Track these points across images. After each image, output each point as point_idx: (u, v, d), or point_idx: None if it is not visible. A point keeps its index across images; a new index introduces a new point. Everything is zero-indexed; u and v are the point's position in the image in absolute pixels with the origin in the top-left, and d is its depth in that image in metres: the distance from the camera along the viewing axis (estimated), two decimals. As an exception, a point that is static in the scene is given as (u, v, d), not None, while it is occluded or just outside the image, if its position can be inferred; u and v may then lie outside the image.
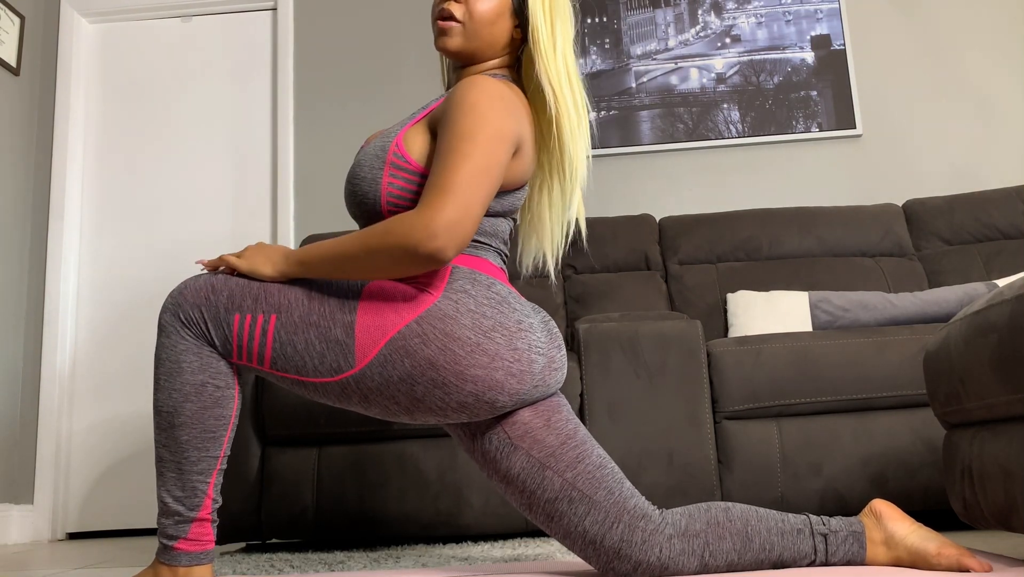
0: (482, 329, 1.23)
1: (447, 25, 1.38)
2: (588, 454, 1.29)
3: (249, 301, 1.25)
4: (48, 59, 3.41)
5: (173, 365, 1.25)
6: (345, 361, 1.23)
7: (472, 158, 1.21)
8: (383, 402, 1.26)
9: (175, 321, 1.26)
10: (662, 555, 1.24)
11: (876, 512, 1.28)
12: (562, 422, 1.31)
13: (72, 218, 3.31)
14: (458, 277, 1.27)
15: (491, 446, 1.31)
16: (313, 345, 1.23)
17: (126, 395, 3.22)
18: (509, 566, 1.51)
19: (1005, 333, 1.10)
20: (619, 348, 2.05)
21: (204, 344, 1.25)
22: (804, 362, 2.02)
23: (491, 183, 1.22)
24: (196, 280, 1.29)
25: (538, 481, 1.28)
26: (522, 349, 1.26)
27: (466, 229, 1.18)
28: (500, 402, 1.26)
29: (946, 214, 2.86)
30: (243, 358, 1.26)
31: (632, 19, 3.35)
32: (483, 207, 1.21)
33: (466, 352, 1.22)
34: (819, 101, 3.21)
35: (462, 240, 1.18)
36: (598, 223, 2.93)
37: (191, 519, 1.25)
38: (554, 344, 1.34)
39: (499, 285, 1.30)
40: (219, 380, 1.26)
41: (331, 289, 1.26)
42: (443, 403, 1.25)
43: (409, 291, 1.25)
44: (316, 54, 3.43)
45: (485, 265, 1.33)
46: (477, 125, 1.23)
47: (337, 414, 2.06)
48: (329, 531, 2.05)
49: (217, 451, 1.26)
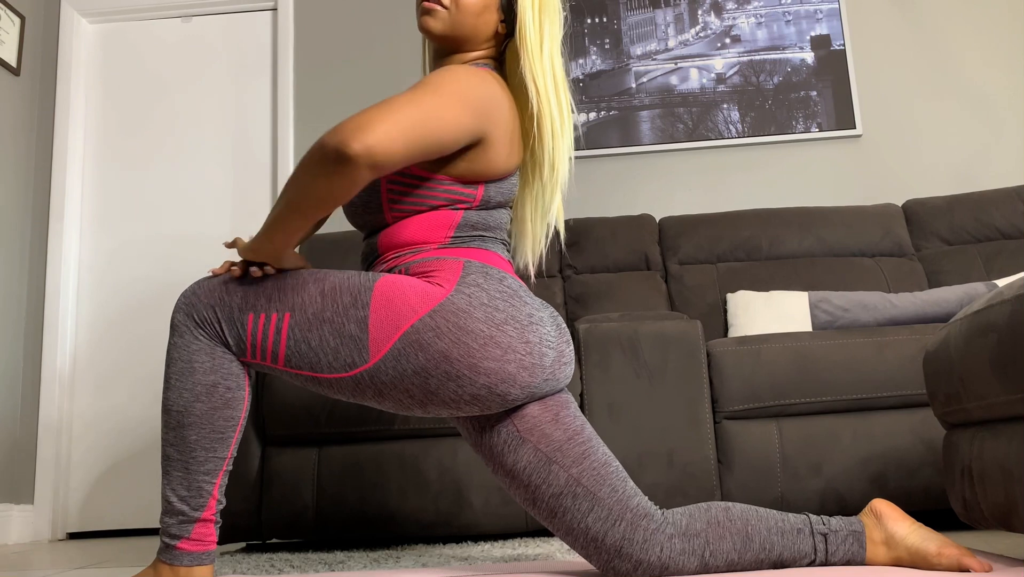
0: (495, 322, 1.24)
1: (431, 6, 1.37)
2: (594, 451, 1.30)
3: (263, 300, 1.26)
4: (48, 59, 3.41)
5: (185, 365, 1.25)
6: (359, 356, 1.23)
7: (421, 103, 1.19)
8: (397, 395, 1.27)
9: (188, 321, 1.26)
10: (663, 554, 1.24)
11: (876, 512, 1.28)
12: (570, 418, 1.32)
13: (72, 218, 3.32)
14: (471, 271, 1.28)
15: (499, 439, 1.32)
16: (327, 341, 1.24)
17: (126, 395, 3.22)
18: (509, 566, 1.51)
19: (1005, 333, 1.10)
20: (619, 348, 2.05)
21: (217, 344, 1.26)
22: (804, 362, 2.02)
23: (431, 131, 1.19)
24: (209, 280, 1.29)
25: (544, 476, 1.28)
26: (534, 342, 1.27)
27: (386, 150, 1.14)
28: (512, 395, 1.27)
29: (946, 214, 2.86)
30: (257, 357, 1.26)
31: (632, 19, 3.35)
32: (411, 147, 1.17)
33: (479, 345, 1.23)
34: (819, 101, 3.22)
35: (378, 157, 1.14)
36: (598, 223, 2.93)
37: (195, 519, 1.25)
38: (563, 339, 1.35)
39: (510, 279, 1.31)
40: (230, 381, 1.26)
41: (344, 286, 1.27)
42: (456, 396, 1.25)
43: (422, 286, 1.26)
44: (316, 54, 3.43)
45: (495, 259, 1.34)
46: (443, 80, 1.24)
47: (337, 414, 2.06)
48: (329, 531, 2.05)
49: (224, 452, 1.27)
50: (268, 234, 1.24)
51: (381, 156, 1.14)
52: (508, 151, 1.35)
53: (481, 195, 1.35)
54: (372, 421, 2.06)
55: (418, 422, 2.05)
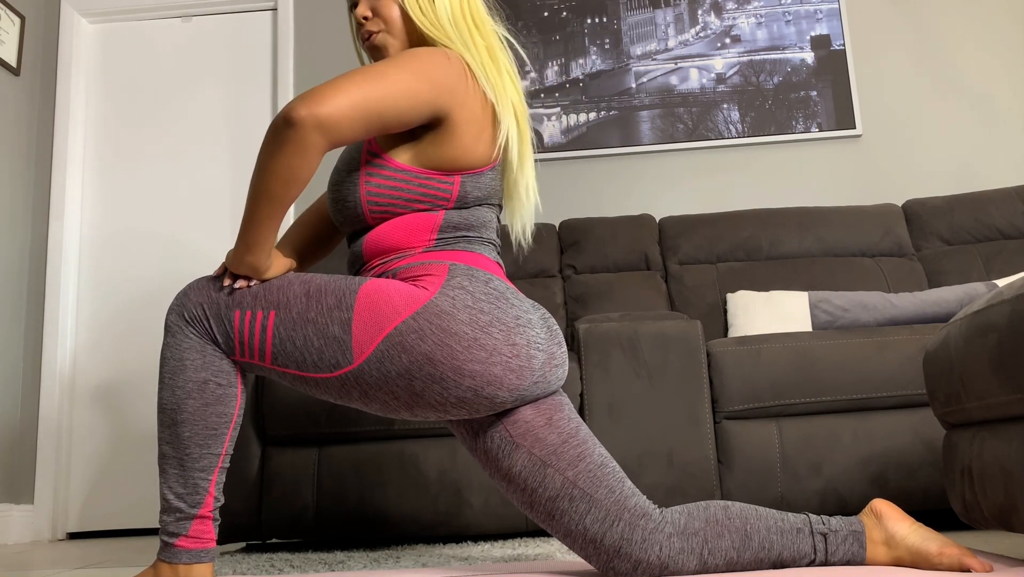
0: (479, 324, 1.24)
1: (368, 34, 1.41)
2: (589, 453, 1.29)
3: (249, 298, 1.27)
4: (48, 59, 3.41)
5: (177, 363, 1.27)
6: (343, 357, 1.24)
7: (374, 71, 1.22)
8: (383, 397, 1.27)
9: (180, 320, 1.28)
10: (662, 554, 1.24)
11: (876, 512, 1.28)
12: (564, 421, 1.32)
13: (72, 218, 3.32)
14: (456, 274, 1.28)
15: (493, 444, 1.32)
16: (311, 341, 1.24)
17: (126, 395, 3.22)
18: (509, 566, 1.51)
19: (1005, 333, 1.10)
20: (619, 348, 2.05)
21: (208, 342, 1.27)
22: (804, 362, 2.02)
23: (383, 96, 1.21)
24: (200, 280, 1.32)
25: (539, 479, 1.28)
26: (520, 344, 1.26)
27: (333, 110, 1.16)
28: (500, 398, 1.26)
29: (946, 214, 2.86)
30: (246, 355, 1.27)
31: (632, 19, 3.35)
32: (360, 111, 1.19)
33: (463, 347, 1.23)
34: (819, 101, 3.22)
35: (323, 117, 1.15)
36: (598, 223, 2.93)
37: (192, 516, 1.26)
38: (554, 341, 1.34)
39: (497, 281, 1.31)
40: (221, 378, 1.27)
41: (329, 286, 1.27)
42: (442, 398, 1.25)
43: (406, 288, 1.26)
44: (316, 54, 3.43)
45: (482, 260, 1.34)
46: (405, 55, 1.26)
47: (337, 414, 2.06)
48: (329, 531, 2.05)
49: (219, 448, 1.27)
50: (243, 234, 1.25)
51: (327, 116, 1.16)
52: (476, 134, 1.33)
53: (458, 191, 1.33)
54: (372, 421, 2.06)
55: (418, 422, 2.05)
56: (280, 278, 1.30)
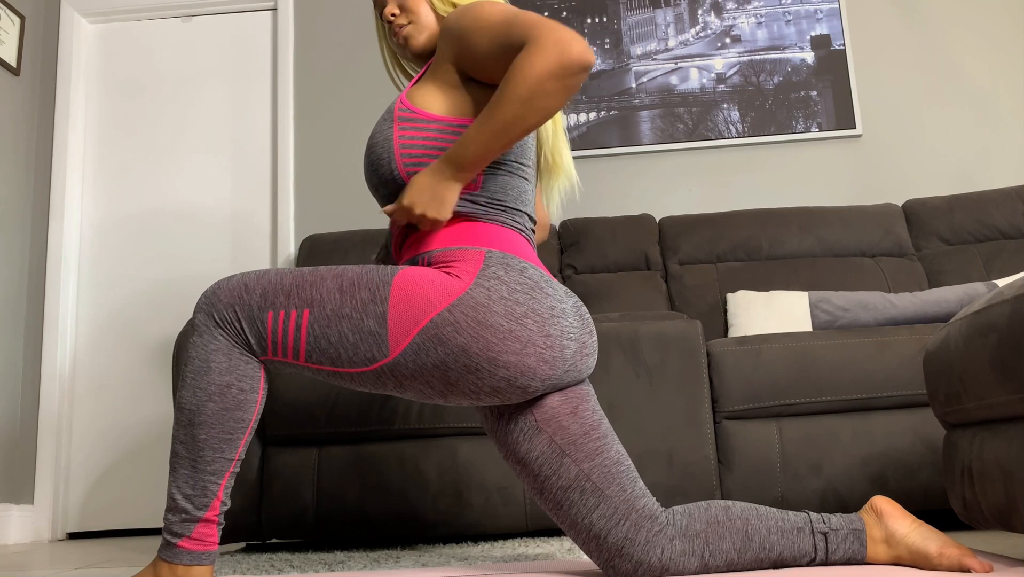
0: (514, 316, 1.24)
1: (399, 30, 1.47)
2: (608, 448, 1.30)
3: (282, 298, 1.27)
4: (48, 59, 3.41)
5: (202, 364, 1.26)
6: (379, 351, 1.24)
7: (521, 13, 1.26)
8: (418, 386, 1.28)
9: (209, 321, 1.27)
10: (663, 556, 1.24)
11: (877, 509, 1.28)
12: (588, 412, 1.32)
13: (72, 218, 3.32)
14: (491, 263, 1.28)
15: (516, 427, 1.32)
16: (347, 337, 1.25)
17: (126, 395, 3.22)
18: (509, 566, 1.51)
19: (1005, 333, 1.10)
20: (619, 348, 2.05)
21: (236, 345, 1.27)
22: (804, 362, 2.02)
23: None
24: (229, 280, 1.30)
25: (555, 467, 1.29)
26: (554, 335, 1.27)
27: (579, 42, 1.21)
28: (532, 387, 1.27)
29: (946, 214, 2.86)
30: (278, 354, 1.27)
31: (632, 19, 3.35)
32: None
33: (499, 339, 1.23)
34: (819, 101, 3.22)
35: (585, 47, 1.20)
36: (598, 223, 2.93)
37: (198, 518, 1.25)
38: (586, 329, 1.35)
39: (532, 269, 1.31)
40: (244, 383, 1.27)
41: (362, 279, 1.27)
42: (476, 387, 1.26)
43: (440, 278, 1.26)
44: (316, 54, 3.43)
45: (517, 244, 1.34)
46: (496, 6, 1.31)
47: (337, 414, 2.06)
48: (329, 531, 2.05)
49: (232, 453, 1.27)
50: (462, 155, 1.27)
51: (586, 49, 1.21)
52: None
53: None
54: (372, 421, 2.06)
55: (418, 422, 2.05)
56: (312, 273, 1.30)
